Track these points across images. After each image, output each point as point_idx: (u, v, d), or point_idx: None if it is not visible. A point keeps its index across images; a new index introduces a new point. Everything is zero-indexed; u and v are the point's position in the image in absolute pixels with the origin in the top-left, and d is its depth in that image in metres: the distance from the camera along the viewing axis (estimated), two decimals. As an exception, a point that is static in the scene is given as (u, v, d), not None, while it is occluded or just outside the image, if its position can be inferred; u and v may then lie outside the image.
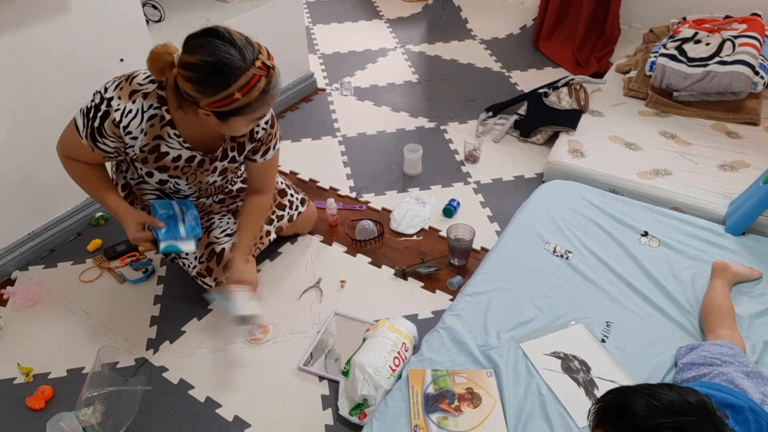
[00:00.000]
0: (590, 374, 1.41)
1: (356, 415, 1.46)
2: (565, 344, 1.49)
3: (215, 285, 1.74)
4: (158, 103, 1.41)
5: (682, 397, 0.88)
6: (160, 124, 1.43)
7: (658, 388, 0.91)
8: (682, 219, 1.90)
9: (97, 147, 1.45)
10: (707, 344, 1.36)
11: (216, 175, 1.63)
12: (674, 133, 2.41)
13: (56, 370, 1.65)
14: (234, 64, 1.21)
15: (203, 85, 1.24)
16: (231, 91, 1.23)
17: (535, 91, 2.67)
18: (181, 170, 1.55)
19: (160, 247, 1.56)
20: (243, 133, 1.43)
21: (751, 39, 2.51)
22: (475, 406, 1.33)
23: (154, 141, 1.45)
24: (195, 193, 1.69)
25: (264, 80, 1.26)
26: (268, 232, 1.85)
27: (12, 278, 1.98)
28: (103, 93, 1.40)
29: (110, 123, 1.39)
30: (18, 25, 1.73)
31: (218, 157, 1.56)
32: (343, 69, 3.39)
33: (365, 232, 2.09)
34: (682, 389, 0.91)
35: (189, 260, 1.74)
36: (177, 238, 1.58)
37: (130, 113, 1.39)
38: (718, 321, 1.47)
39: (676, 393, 0.89)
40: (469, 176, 2.45)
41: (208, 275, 1.74)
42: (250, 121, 1.37)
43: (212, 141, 1.53)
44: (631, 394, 0.91)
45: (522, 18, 3.83)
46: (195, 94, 1.26)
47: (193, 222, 1.62)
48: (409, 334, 1.59)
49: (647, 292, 1.64)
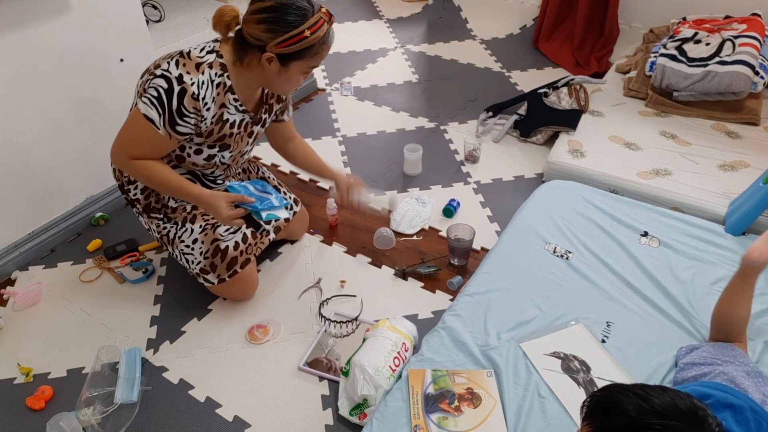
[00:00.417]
0: (590, 374, 1.41)
1: (356, 415, 1.46)
2: (565, 344, 1.49)
3: (217, 282, 1.75)
4: (221, 71, 1.47)
5: (673, 401, 0.88)
6: (224, 91, 1.50)
7: (651, 389, 0.91)
8: (682, 219, 1.90)
9: (175, 132, 1.47)
10: (708, 345, 1.36)
11: (250, 143, 1.72)
12: (674, 133, 2.41)
13: (56, 370, 1.65)
14: (304, 5, 1.37)
15: (277, 23, 1.36)
16: (302, 29, 1.36)
17: (535, 91, 2.67)
18: (234, 138, 1.61)
19: (262, 216, 1.61)
20: (294, 86, 1.54)
21: (751, 39, 2.51)
22: (475, 406, 1.33)
23: (219, 110, 1.51)
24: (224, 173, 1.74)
25: (327, 25, 1.40)
26: (267, 231, 1.87)
27: (12, 278, 1.98)
28: (169, 74, 1.42)
29: (190, 99, 1.43)
30: (18, 25, 1.73)
31: (260, 119, 1.67)
32: (343, 69, 3.39)
33: (384, 240, 2.08)
34: (676, 394, 0.90)
35: (194, 256, 1.73)
36: (272, 208, 1.65)
37: (203, 84, 1.44)
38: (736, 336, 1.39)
39: (668, 397, 0.89)
40: (469, 176, 2.45)
41: (211, 271, 1.73)
42: (308, 68, 1.47)
43: (256, 105, 1.65)
44: (622, 393, 0.91)
45: (522, 18, 3.83)
46: (265, 36, 1.37)
47: (276, 193, 1.70)
48: (409, 334, 1.59)
49: (647, 292, 1.64)
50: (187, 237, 1.71)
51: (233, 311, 1.83)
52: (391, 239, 2.07)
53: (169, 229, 1.73)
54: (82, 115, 2.02)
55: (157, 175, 1.54)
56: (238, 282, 1.78)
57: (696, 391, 1.13)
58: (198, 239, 1.71)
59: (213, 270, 1.74)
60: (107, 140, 2.13)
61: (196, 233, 1.71)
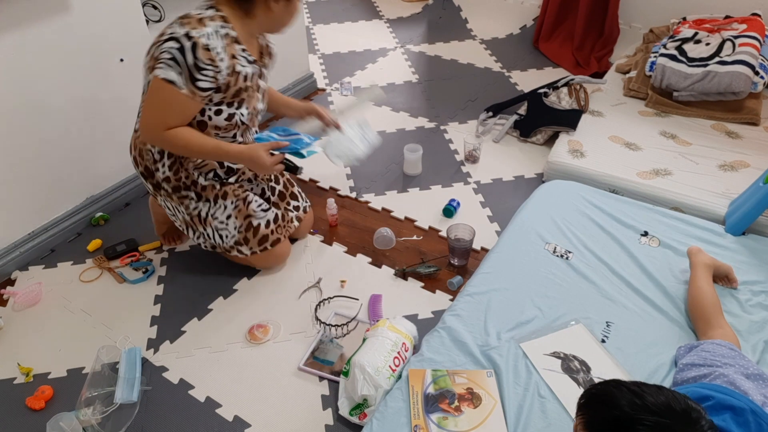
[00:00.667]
0: (590, 374, 1.41)
1: (356, 415, 1.46)
2: (565, 344, 1.49)
3: (250, 254, 1.84)
4: (224, 22, 1.50)
5: (667, 400, 0.89)
6: (231, 41, 1.52)
7: (647, 387, 0.92)
8: (682, 219, 1.90)
9: (197, 89, 1.48)
10: (706, 343, 1.36)
11: (261, 99, 1.74)
12: (674, 133, 2.41)
13: (56, 370, 1.65)
14: None
15: None
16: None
17: (535, 91, 2.67)
18: (248, 92, 1.63)
19: (304, 155, 1.68)
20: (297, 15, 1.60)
21: (751, 39, 2.51)
22: (475, 407, 1.33)
23: (231, 61, 1.53)
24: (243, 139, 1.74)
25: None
26: (292, 218, 1.94)
27: (12, 278, 1.98)
28: (176, 34, 1.44)
29: (202, 50, 1.44)
30: (18, 25, 1.73)
31: (267, 65, 1.74)
32: (343, 69, 3.39)
33: (384, 240, 2.08)
34: (672, 394, 0.91)
35: (228, 230, 1.79)
36: (308, 145, 1.71)
37: (211, 35, 1.46)
38: (710, 320, 1.47)
39: (663, 396, 0.90)
40: (469, 176, 2.45)
41: (245, 243, 1.82)
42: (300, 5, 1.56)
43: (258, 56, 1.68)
44: (617, 387, 0.93)
45: (522, 18, 3.83)
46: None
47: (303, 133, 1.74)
48: (409, 334, 1.59)
49: (647, 292, 1.64)
50: (221, 213, 1.77)
51: (233, 311, 1.83)
52: (391, 239, 2.07)
53: (201, 208, 1.76)
54: (82, 115, 2.02)
55: (193, 140, 1.56)
56: (271, 256, 1.89)
57: (696, 392, 1.13)
58: (231, 215, 1.77)
59: (246, 242, 1.82)
60: (107, 140, 2.15)
61: (229, 209, 1.77)
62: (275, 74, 2.90)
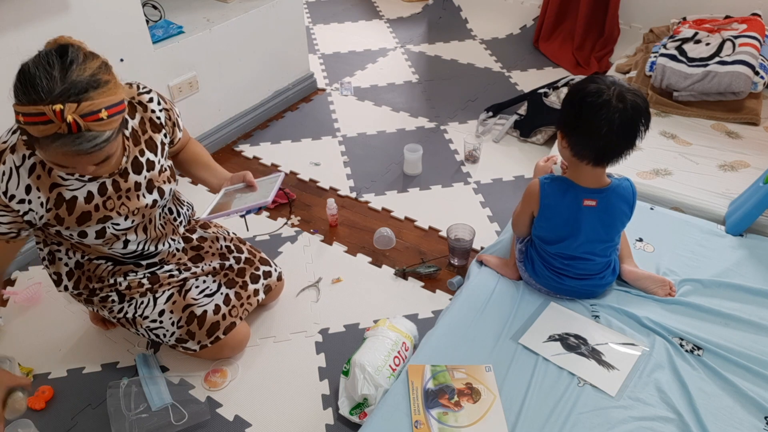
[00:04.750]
0: (590, 345, 1.45)
1: (356, 414, 1.46)
2: (555, 325, 1.51)
3: (199, 349, 1.56)
4: (30, 150, 1.20)
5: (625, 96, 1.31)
6: (45, 171, 1.23)
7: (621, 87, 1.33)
8: (682, 219, 1.90)
9: None
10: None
11: (147, 194, 1.38)
12: (674, 133, 2.41)
13: (56, 370, 1.65)
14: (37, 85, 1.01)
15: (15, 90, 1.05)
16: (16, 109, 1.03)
17: (535, 91, 2.67)
18: (105, 206, 1.31)
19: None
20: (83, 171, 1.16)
21: (751, 39, 2.51)
22: (475, 401, 1.33)
23: (52, 192, 1.25)
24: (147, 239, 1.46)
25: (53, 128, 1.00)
26: (256, 291, 1.68)
27: (12, 278, 1.98)
28: None
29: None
30: (18, 25, 1.73)
31: (127, 169, 1.33)
32: (343, 69, 3.39)
33: (384, 240, 2.08)
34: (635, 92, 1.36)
35: (164, 329, 1.53)
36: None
37: (4, 176, 1.20)
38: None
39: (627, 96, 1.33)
40: (469, 176, 2.45)
41: (190, 339, 1.54)
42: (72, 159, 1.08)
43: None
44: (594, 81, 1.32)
45: (522, 18, 3.83)
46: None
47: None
48: (409, 333, 1.59)
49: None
50: (150, 311, 1.52)
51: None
52: (391, 239, 2.08)
53: (126, 309, 1.52)
54: (83, 115, 2.02)
55: None
56: (226, 347, 1.60)
57: None
58: (165, 310, 1.53)
59: (192, 337, 1.54)
60: (107, 140, 2.14)
61: (161, 304, 1.53)
62: (276, 74, 2.93)
